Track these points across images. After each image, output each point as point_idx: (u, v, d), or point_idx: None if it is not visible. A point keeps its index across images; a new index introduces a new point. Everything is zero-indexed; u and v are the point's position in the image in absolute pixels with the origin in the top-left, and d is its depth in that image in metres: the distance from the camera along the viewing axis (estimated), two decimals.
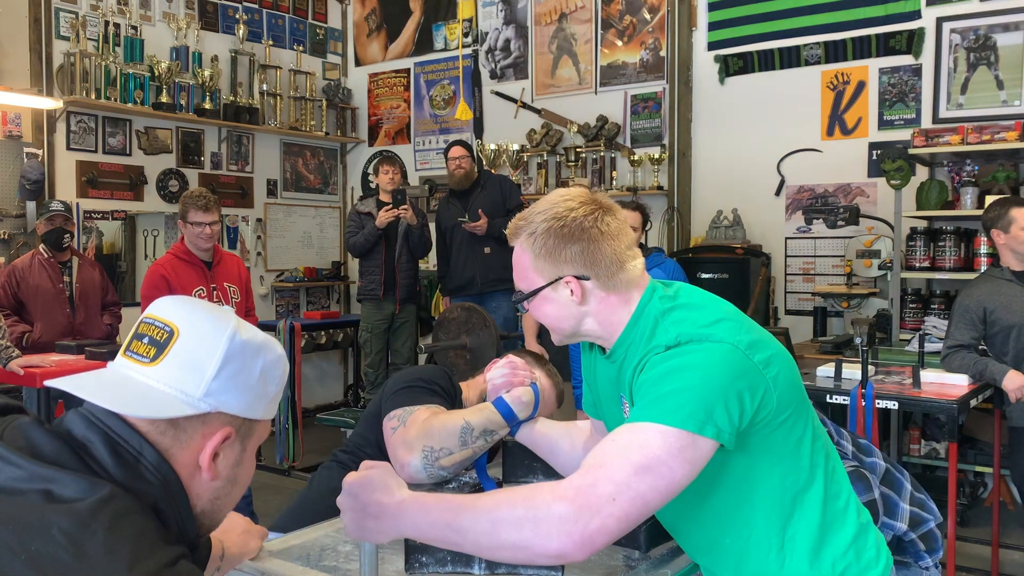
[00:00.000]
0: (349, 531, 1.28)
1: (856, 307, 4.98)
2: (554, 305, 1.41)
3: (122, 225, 6.08)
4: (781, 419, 1.31)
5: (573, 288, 1.38)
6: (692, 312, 1.35)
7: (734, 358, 1.26)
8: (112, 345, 4.40)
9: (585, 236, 1.36)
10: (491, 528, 1.20)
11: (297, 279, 7.14)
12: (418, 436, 1.79)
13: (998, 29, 4.87)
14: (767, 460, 1.33)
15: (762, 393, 1.27)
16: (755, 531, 1.35)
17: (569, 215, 1.37)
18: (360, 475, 1.27)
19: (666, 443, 1.20)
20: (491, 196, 5.45)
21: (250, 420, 1.05)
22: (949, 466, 3.23)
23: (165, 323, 1.00)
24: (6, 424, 0.96)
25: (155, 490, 0.94)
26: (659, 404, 1.23)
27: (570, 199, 1.40)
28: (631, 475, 1.19)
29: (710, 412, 1.22)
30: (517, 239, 1.43)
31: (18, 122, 5.48)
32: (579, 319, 1.42)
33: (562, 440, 1.75)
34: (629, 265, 1.39)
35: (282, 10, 7.23)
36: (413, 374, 2.03)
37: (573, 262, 1.37)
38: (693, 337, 1.29)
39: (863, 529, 1.40)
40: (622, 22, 6.19)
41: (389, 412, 1.91)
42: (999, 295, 3.52)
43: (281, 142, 7.19)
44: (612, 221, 1.39)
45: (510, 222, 1.45)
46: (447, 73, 7.08)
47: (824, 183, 5.42)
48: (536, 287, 1.41)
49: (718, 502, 1.36)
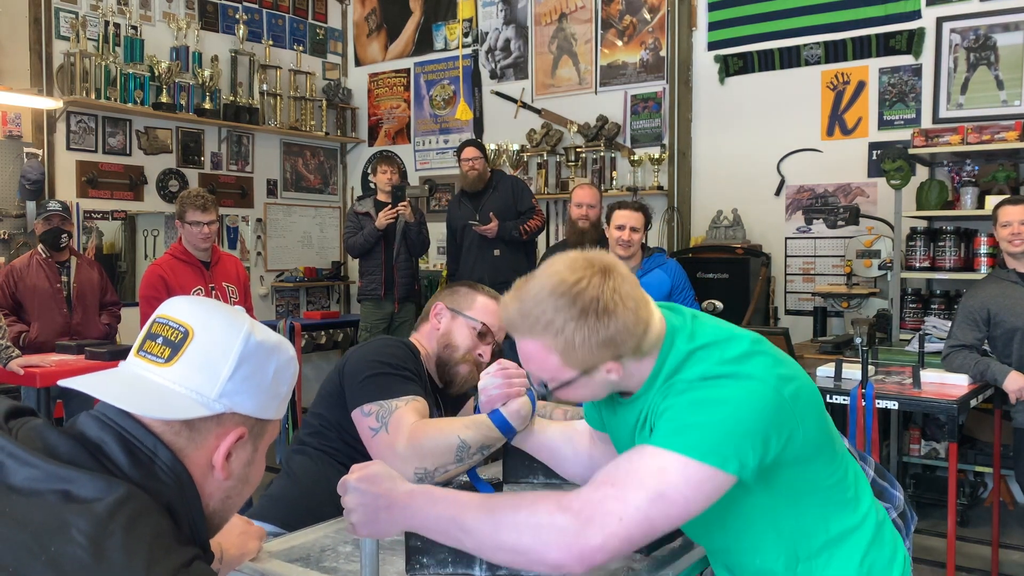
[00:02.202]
0: (358, 529, 1.27)
1: (856, 307, 4.98)
2: (589, 388, 1.34)
3: (122, 225, 6.08)
4: (807, 455, 1.29)
5: (613, 371, 1.31)
6: (717, 349, 1.30)
7: (764, 394, 1.24)
8: (112, 345, 4.40)
9: (615, 316, 1.26)
10: (493, 529, 1.20)
11: (297, 279, 7.14)
12: (410, 453, 1.72)
13: (998, 29, 4.87)
14: (786, 495, 1.32)
15: (789, 431, 1.25)
16: (765, 562, 1.36)
17: (593, 303, 1.25)
18: (362, 472, 1.27)
19: (685, 474, 1.18)
20: (503, 198, 5.45)
21: (262, 420, 1.05)
22: (949, 466, 3.23)
23: (180, 323, 1.00)
24: (20, 425, 0.96)
25: (169, 490, 0.95)
26: (684, 434, 1.21)
27: (578, 277, 1.26)
28: (643, 499, 1.17)
29: (735, 447, 1.20)
30: (530, 337, 1.30)
31: (18, 122, 5.47)
32: (614, 388, 1.38)
33: (564, 446, 1.71)
34: (652, 321, 1.32)
35: (282, 10, 7.22)
36: (377, 355, 1.93)
37: (609, 347, 1.27)
38: (723, 373, 1.26)
39: (895, 552, 1.42)
40: (622, 22, 6.19)
41: (362, 405, 1.84)
42: (1004, 297, 3.51)
43: (281, 142, 7.18)
44: (621, 281, 1.29)
45: (504, 313, 1.34)
46: (447, 73, 7.08)
47: (824, 183, 5.42)
48: (569, 379, 1.32)
49: (729, 531, 1.36)
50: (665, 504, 1.18)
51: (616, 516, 1.16)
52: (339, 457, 1.95)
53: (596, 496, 1.19)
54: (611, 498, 1.17)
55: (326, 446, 1.98)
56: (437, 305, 2.14)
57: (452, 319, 2.11)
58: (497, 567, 1.48)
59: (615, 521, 1.16)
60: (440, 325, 2.12)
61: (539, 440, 1.74)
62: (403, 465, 1.71)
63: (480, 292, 2.16)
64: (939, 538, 3.99)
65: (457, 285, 2.20)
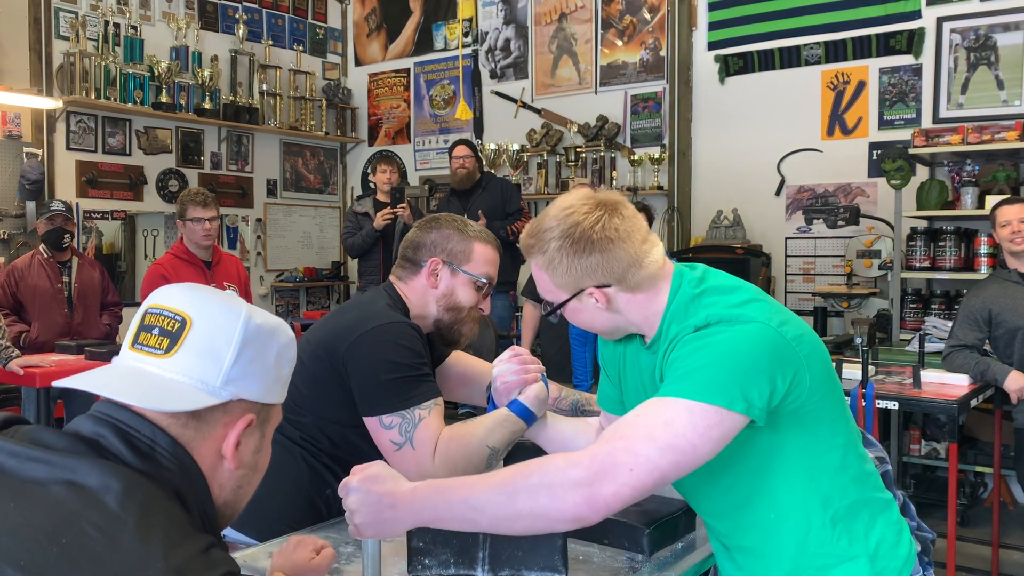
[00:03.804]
0: (362, 530, 1.27)
1: (856, 307, 4.98)
2: (584, 313, 1.43)
3: (122, 225, 6.07)
4: (816, 399, 1.30)
5: (597, 297, 1.39)
6: (722, 295, 1.35)
7: (766, 336, 1.26)
8: (112, 345, 4.39)
9: (596, 247, 1.35)
10: (507, 500, 1.21)
11: (297, 279, 7.14)
12: (442, 471, 1.67)
13: (998, 29, 4.87)
14: (801, 440, 1.32)
15: (793, 371, 1.26)
16: (788, 510, 1.35)
17: (576, 229, 1.35)
18: (364, 473, 1.27)
19: (692, 421, 1.20)
20: (491, 198, 5.45)
21: (268, 405, 1.03)
22: (949, 466, 3.23)
23: (175, 312, 0.97)
24: (12, 433, 0.95)
25: (174, 476, 0.93)
26: (687, 379, 1.23)
27: (573, 210, 1.37)
28: (652, 450, 1.19)
29: (741, 387, 1.21)
30: (532, 258, 1.43)
31: (18, 122, 5.47)
32: (612, 320, 1.43)
33: (577, 436, 1.72)
34: (647, 261, 1.38)
35: (282, 10, 7.22)
36: (391, 352, 1.76)
37: (591, 274, 1.37)
38: (724, 318, 1.29)
39: (888, 505, 1.42)
40: (622, 22, 6.19)
41: (380, 415, 1.73)
42: (1006, 297, 3.50)
43: (281, 142, 7.18)
44: (619, 222, 1.37)
45: (522, 236, 1.44)
46: (447, 73, 7.08)
47: (824, 183, 5.42)
48: (561, 301, 1.42)
49: (742, 478, 1.36)
50: (675, 454, 1.19)
51: (626, 467, 1.18)
52: (312, 448, 1.84)
53: (605, 449, 1.21)
54: (620, 450, 1.20)
55: (299, 436, 1.84)
56: (433, 261, 1.91)
57: (452, 276, 1.91)
58: (499, 567, 1.48)
59: (626, 472, 1.18)
60: (439, 284, 1.91)
61: (550, 433, 1.75)
62: None
63: (473, 237, 1.93)
64: (939, 538, 3.99)
65: (443, 225, 1.95)
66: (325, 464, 1.86)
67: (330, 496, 1.84)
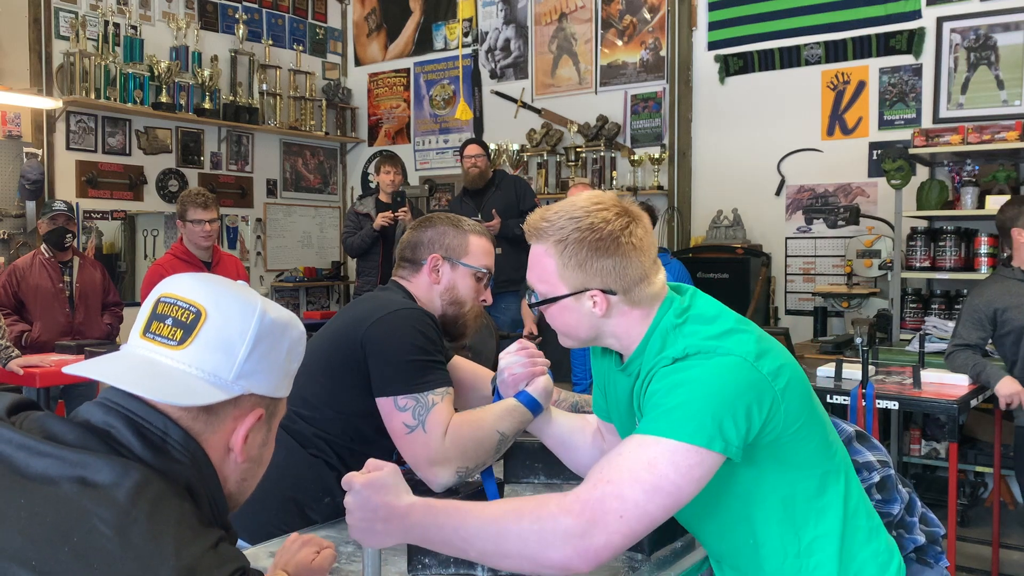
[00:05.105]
0: (353, 532, 1.27)
1: (856, 307, 4.98)
2: (574, 315, 1.39)
3: (122, 225, 6.07)
4: (792, 431, 1.30)
5: (598, 301, 1.36)
6: (702, 325, 1.34)
7: (742, 370, 1.25)
8: (112, 345, 4.40)
9: (619, 251, 1.33)
10: (497, 538, 1.21)
11: (297, 279, 7.14)
12: (453, 454, 1.69)
13: (998, 29, 4.87)
14: (776, 471, 1.32)
15: (769, 405, 1.26)
16: (765, 538, 1.35)
17: (606, 227, 1.33)
18: (370, 476, 1.26)
19: (674, 461, 1.20)
20: (505, 196, 5.43)
21: (276, 399, 1.03)
22: (949, 466, 3.23)
23: (190, 303, 0.96)
24: (23, 419, 0.94)
25: (186, 469, 0.92)
26: (667, 417, 1.23)
27: (604, 208, 1.35)
28: (639, 494, 1.19)
29: (718, 425, 1.21)
30: (540, 241, 1.38)
31: (18, 122, 5.47)
32: (597, 329, 1.40)
33: (575, 434, 1.72)
34: (654, 279, 1.37)
35: (282, 10, 7.22)
36: (411, 335, 1.78)
37: (602, 276, 1.34)
38: (701, 349, 1.28)
39: (873, 534, 1.40)
40: (622, 22, 6.19)
41: (395, 396, 1.72)
42: (1010, 296, 3.48)
43: (281, 142, 7.18)
44: (643, 233, 1.35)
45: (529, 218, 1.41)
46: (447, 73, 7.08)
47: (824, 183, 5.42)
48: (558, 295, 1.38)
49: (723, 511, 1.36)
50: (660, 496, 1.20)
51: (616, 514, 1.19)
52: (323, 445, 1.84)
53: (595, 495, 1.20)
54: (609, 496, 1.19)
55: (312, 433, 1.84)
56: (433, 257, 1.96)
57: (453, 269, 1.97)
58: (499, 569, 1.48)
59: (616, 519, 1.19)
60: (441, 279, 1.97)
61: (552, 428, 1.75)
62: (442, 465, 1.69)
63: (468, 231, 2.01)
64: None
65: (437, 223, 2.03)
66: (331, 465, 1.84)
67: (328, 504, 1.83)
